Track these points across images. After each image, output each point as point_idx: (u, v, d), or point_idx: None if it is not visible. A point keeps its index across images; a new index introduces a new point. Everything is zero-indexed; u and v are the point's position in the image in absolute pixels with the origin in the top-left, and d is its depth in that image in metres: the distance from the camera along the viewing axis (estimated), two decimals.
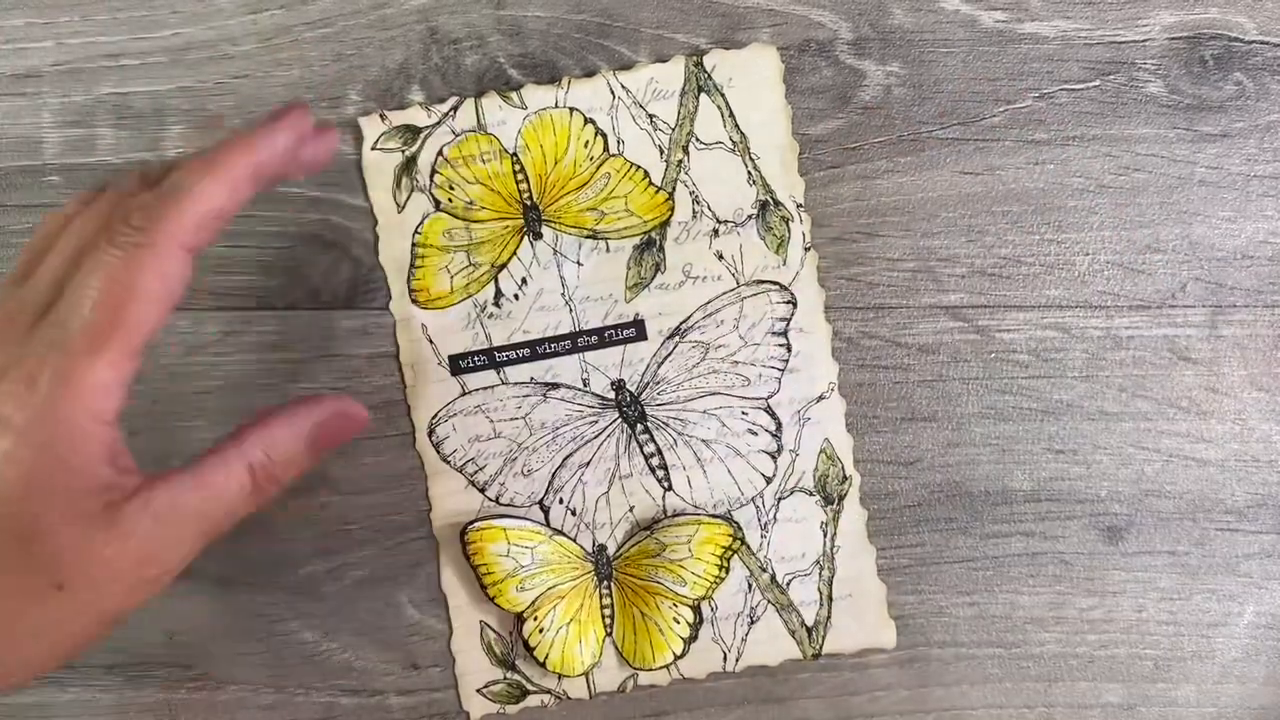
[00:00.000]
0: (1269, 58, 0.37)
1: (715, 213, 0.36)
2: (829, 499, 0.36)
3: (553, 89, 0.36)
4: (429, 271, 0.36)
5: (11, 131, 0.37)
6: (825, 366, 0.36)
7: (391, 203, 0.36)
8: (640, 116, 0.36)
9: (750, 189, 0.36)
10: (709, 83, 0.36)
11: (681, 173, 0.36)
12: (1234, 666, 0.37)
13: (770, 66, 0.36)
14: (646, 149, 0.36)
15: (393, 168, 0.36)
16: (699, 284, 0.36)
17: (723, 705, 0.37)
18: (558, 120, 0.36)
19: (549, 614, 0.36)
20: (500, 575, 0.36)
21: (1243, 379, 0.37)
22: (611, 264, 0.36)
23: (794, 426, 0.36)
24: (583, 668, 0.36)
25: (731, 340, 0.36)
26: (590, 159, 0.36)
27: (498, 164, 0.36)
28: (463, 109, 0.36)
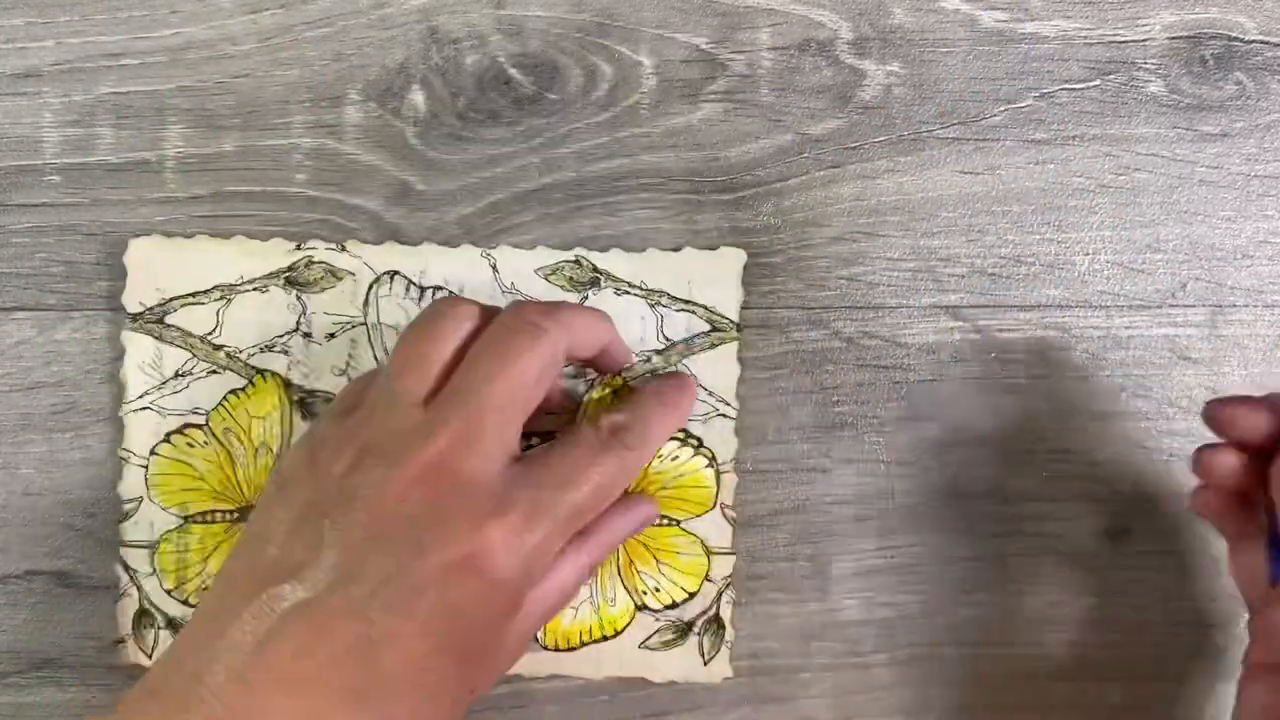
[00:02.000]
0: (1269, 57, 0.37)
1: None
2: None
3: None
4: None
5: (11, 131, 0.37)
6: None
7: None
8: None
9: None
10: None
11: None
12: (1234, 666, 0.37)
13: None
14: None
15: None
16: None
17: (723, 705, 0.37)
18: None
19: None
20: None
21: (1243, 378, 0.37)
22: None
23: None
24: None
25: None
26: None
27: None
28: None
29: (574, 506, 0.30)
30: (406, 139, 0.37)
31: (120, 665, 0.36)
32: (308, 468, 0.30)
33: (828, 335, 0.37)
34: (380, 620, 0.27)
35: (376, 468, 0.29)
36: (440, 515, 0.28)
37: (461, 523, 0.28)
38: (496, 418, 0.30)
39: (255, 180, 0.37)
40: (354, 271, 0.36)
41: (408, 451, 0.29)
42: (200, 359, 0.36)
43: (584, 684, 0.36)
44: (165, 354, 0.36)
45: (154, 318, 0.36)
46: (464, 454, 0.29)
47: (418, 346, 0.31)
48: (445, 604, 0.28)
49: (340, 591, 0.27)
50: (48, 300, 0.37)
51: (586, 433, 0.32)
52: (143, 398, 0.36)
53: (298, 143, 0.37)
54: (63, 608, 0.36)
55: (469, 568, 0.28)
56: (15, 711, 0.36)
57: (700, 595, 0.36)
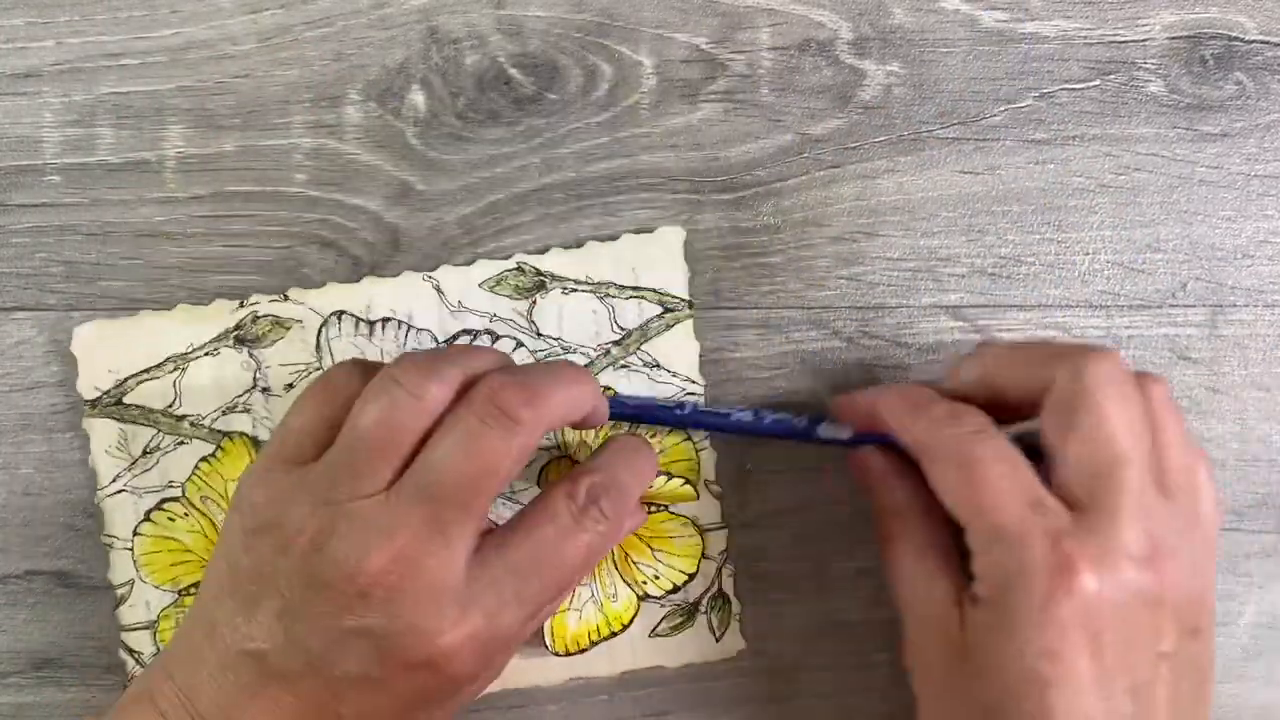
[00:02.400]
0: (1269, 57, 0.37)
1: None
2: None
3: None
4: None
5: (11, 131, 0.37)
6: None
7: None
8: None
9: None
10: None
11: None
12: (1234, 666, 0.37)
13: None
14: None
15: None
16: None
17: (723, 705, 0.37)
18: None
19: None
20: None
21: (1243, 378, 0.37)
22: None
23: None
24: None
25: None
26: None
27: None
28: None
29: (543, 591, 0.29)
30: (406, 139, 0.37)
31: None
32: (271, 524, 0.29)
33: (828, 335, 0.37)
34: (352, 699, 0.28)
35: (335, 561, 0.28)
36: (401, 618, 0.28)
37: (422, 630, 0.28)
38: (460, 515, 0.28)
39: (255, 180, 0.37)
40: (300, 319, 0.36)
41: (366, 550, 0.28)
42: (165, 433, 0.36)
43: (584, 684, 0.36)
44: (130, 434, 0.36)
45: (112, 400, 0.36)
46: (425, 555, 0.28)
47: (382, 438, 0.29)
48: (415, 690, 0.29)
49: (315, 675, 0.28)
50: (48, 300, 0.37)
51: (558, 504, 0.30)
52: (115, 481, 0.36)
53: (298, 143, 0.37)
54: (63, 608, 0.36)
55: (434, 668, 0.28)
56: (15, 711, 0.36)
57: (700, 575, 0.36)
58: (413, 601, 0.28)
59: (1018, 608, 0.28)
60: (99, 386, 0.36)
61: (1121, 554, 0.28)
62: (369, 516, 0.28)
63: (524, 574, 0.29)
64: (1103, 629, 0.28)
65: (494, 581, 0.29)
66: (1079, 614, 0.27)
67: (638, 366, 0.36)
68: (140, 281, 0.37)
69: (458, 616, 0.28)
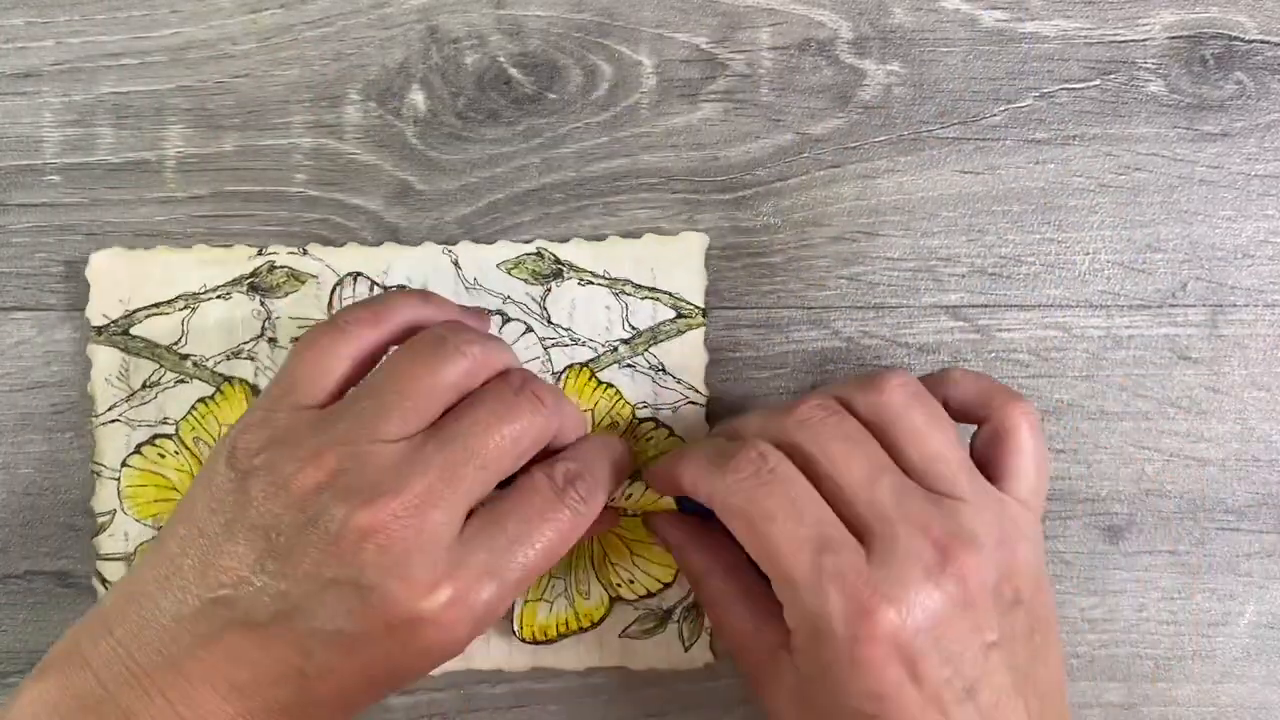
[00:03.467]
0: (1269, 57, 0.37)
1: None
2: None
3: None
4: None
5: (11, 131, 0.37)
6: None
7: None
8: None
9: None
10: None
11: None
12: (1234, 666, 0.37)
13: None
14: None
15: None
16: None
17: (722, 705, 0.37)
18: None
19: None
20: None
21: (1243, 378, 0.37)
22: None
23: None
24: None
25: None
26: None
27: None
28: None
29: (525, 567, 0.29)
30: (406, 139, 0.37)
31: None
32: (267, 470, 0.28)
33: (828, 335, 0.37)
34: (319, 657, 0.28)
35: (340, 502, 0.27)
36: (392, 571, 0.27)
37: (412, 584, 0.27)
38: (477, 475, 0.29)
39: (255, 180, 0.37)
40: (316, 275, 0.36)
41: (376, 493, 0.27)
42: (167, 369, 0.36)
43: (584, 684, 0.36)
44: (132, 365, 0.36)
45: (119, 330, 0.36)
46: (433, 506, 0.28)
47: (420, 384, 0.29)
48: (385, 656, 0.28)
49: (285, 622, 0.27)
50: (48, 300, 0.37)
51: (540, 480, 0.30)
52: (111, 410, 0.36)
53: (298, 143, 0.37)
54: (63, 608, 0.36)
55: (413, 629, 0.28)
56: None
57: (677, 584, 0.36)
58: (405, 556, 0.27)
59: (830, 658, 0.28)
60: (107, 314, 0.36)
61: (912, 577, 0.28)
62: (389, 461, 0.28)
63: (508, 545, 0.29)
64: (916, 654, 0.28)
65: (479, 549, 0.29)
66: (888, 651, 0.28)
67: (643, 368, 0.36)
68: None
69: (444, 578, 0.28)
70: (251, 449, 0.29)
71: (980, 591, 0.28)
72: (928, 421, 0.30)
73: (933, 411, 0.31)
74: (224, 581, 0.28)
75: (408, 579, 0.27)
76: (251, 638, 0.28)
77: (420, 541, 0.28)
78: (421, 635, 0.28)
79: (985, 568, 0.28)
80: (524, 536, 0.29)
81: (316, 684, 0.28)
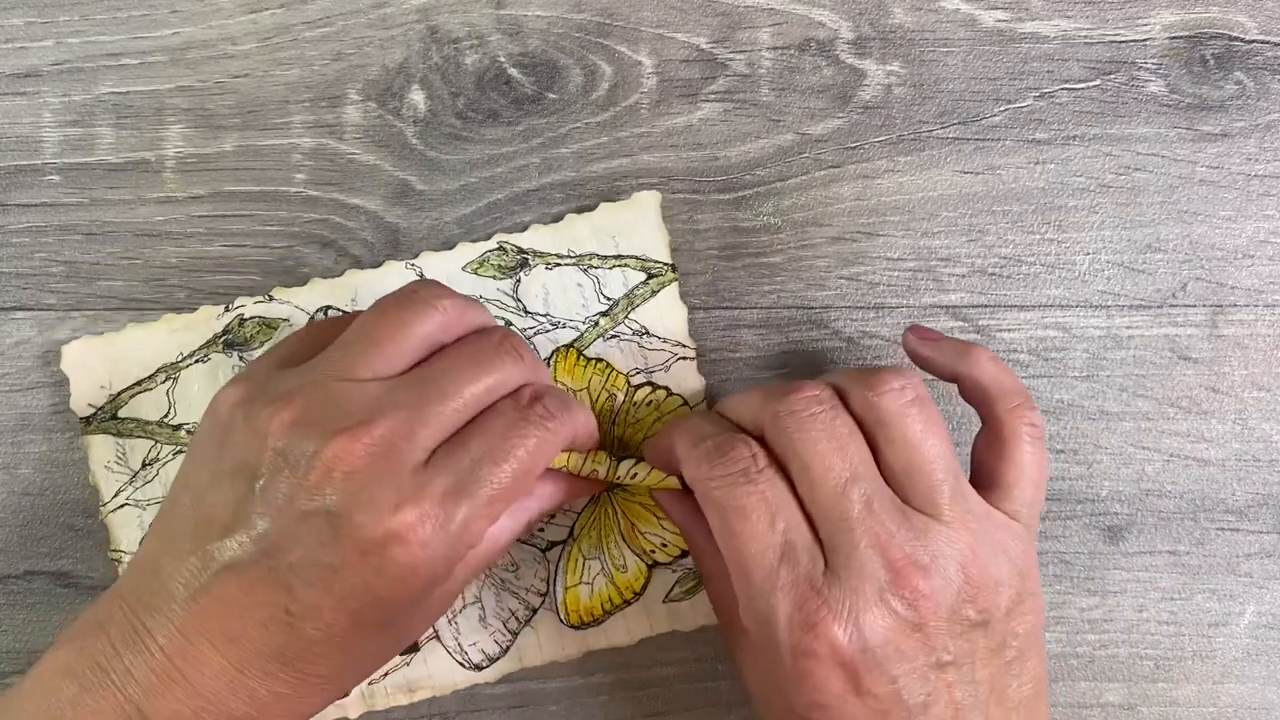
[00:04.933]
0: (1270, 57, 0.37)
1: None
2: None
3: None
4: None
5: (11, 131, 0.37)
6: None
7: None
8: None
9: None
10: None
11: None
12: (1234, 666, 0.37)
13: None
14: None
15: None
16: None
17: (723, 705, 0.37)
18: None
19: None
20: None
21: (1243, 378, 0.37)
22: None
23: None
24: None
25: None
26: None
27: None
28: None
29: (495, 486, 0.29)
30: (406, 139, 0.37)
31: None
32: (244, 418, 0.29)
33: (828, 335, 0.37)
34: (301, 593, 0.28)
35: (311, 436, 0.28)
36: (362, 497, 0.28)
37: (378, 507, 0.28)
38: (449, 416, 0.29)
39: (255, 180, 0.37)
40: (287, 317, 0.36)
41: (344, 425, 0.28)
42: (163, 443, 0.36)
43: (584, 684, 0.36)
44: (128, 448, 0.36)
45: (107, 415, 0.36)
46: (401, 439, 0.28)
47: (390, 330, 0.30)
48: (363, 584, 0.28)
49: (265, 561, 0.28)
50: (48, 300, 0.37)
51: (504, 403, 0.31)
52: (117, 496, 0.36)
53: (297, 142, 0.37)
54: (63, 608, 0.36)
55: (383, 551, 0.28)
56: None
57: None
58: (371, 481, 0.28)
59: (777, 663, 0.29)
60: (92, 403, 0.36)
61: (863, 595, 0.28)
62: (358, 397, 0.29)
63: (473, 465, 0.29)
64: (860, 670, 0.28)
65: (444, 472, 0.29)
66: (830, 665, 0.28)
67: (627, 335, 0.36)
68: (140, 281, 0.37)
69: (409, 499, 0.28)
70: (231, 401, 0.30)
71: (933, 615, 0.29)
72: (921, 430, 0.30)
73: (928, 420, 0.30)
74: (211, 532, 0.28)
75: (373, 502, 0.28)
76: (237, 583, 0.28)
77: (385, 468, 0.28)
78: (393, 557, 0.28)
79: (942, 592, 0.29)
80: (489, 456, 0.29)
81: (303, 624, 0.28)
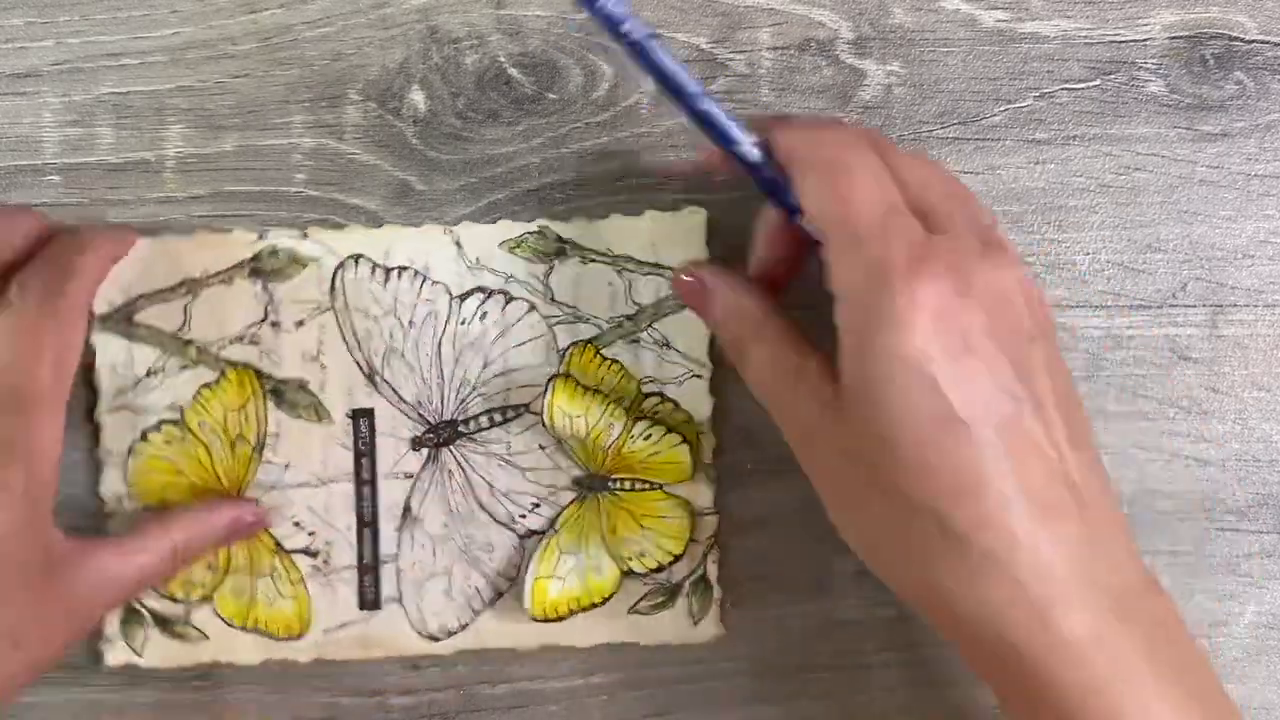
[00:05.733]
0: (1270, 57, 0.37)
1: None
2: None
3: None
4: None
5: (11, 131, 0.37)
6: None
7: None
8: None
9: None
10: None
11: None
12: (1234, 666, 0.37)
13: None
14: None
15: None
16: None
17: (723, 705, 0.37)
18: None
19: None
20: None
21: (1243, 378, 0.37)
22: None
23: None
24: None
25: (396, 325, 0.36)
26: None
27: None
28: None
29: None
30: (406, 139, 0.37)
31: (115, 668, 0.36)
32: None
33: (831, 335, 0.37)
34: None
35: None
36: None
37: None
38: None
39: (255, 180, 0.37)
40: (318, 257, 0.36)
41: None
42: (170, 355, 0.36)
43: (584, 684, 0.36)
44: (136, 353, 0.36)
45: (122, 317, 0.36)
46: None
47: None
48: None
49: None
50: None
51: None
52: (118, 397, 0.36)
53: (297, 142, 0.37)
54: None
55: None
56: (15, 711, 0.36)
57: (687, 557, 0.36)
58: None
59: (882, 306, 0.28)
60: (111, 302, 0.36)
61: (969, 251, 0.29)
62: None
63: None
64: (966, 316, 0.28)
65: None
66: (943, 301, 0.28)
67: (648, 343, 0.36)
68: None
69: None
70: None
71: (1017, 291, 0.29)
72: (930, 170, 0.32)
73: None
74: None
75: None
76: None
77: None
78: None
79: (1027, 283, 0.29)
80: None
81: None
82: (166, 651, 0.36)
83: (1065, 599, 0.27)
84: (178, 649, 0.36)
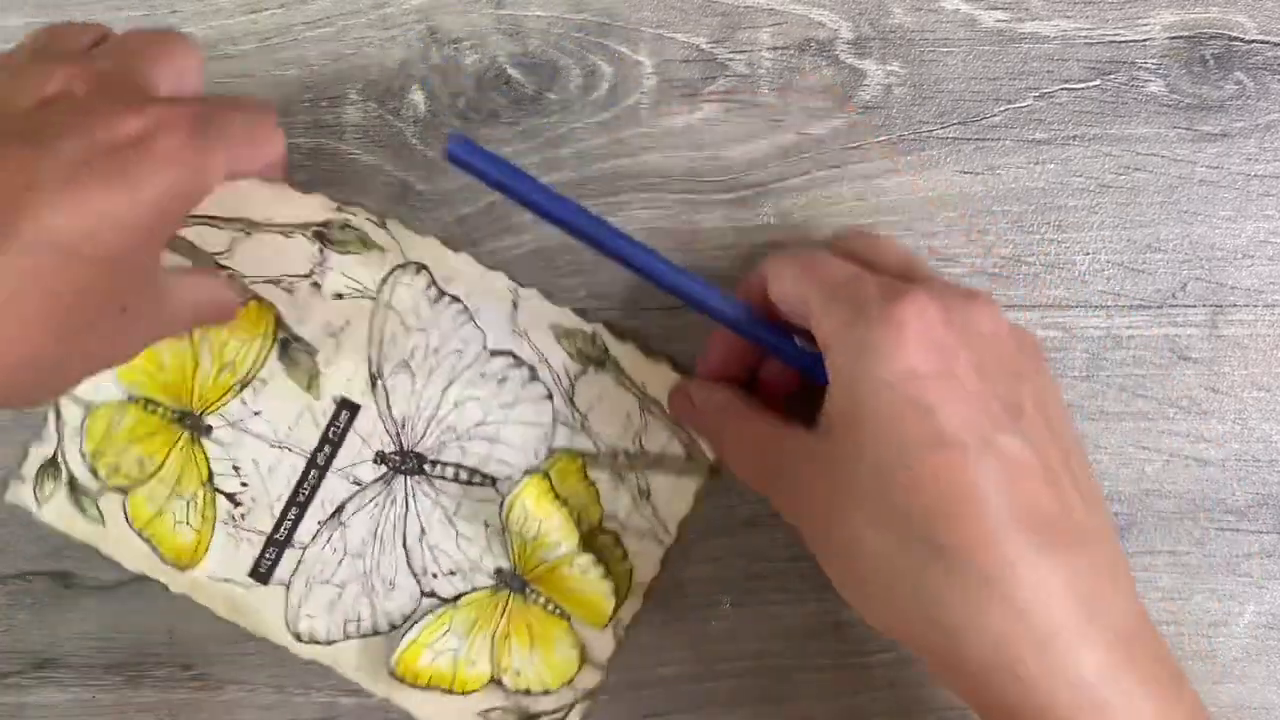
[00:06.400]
0: (1269, 57, 0.37)
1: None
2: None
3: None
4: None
5: None
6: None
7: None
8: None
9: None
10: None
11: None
12: (1234, 666, 0.37)
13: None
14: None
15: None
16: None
17: (723, 705, 0.37)
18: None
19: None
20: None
21: (1243, 378, 0.37)
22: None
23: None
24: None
25: (422, 344, 0.36)
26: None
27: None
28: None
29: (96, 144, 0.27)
30: (406, 139, 0.37)
31: (12, 504, 0.36)
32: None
33: None
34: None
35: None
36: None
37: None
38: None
39: None
40: (385, 248, 0.36)
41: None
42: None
43: None
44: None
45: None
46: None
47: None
48: (19, 271, 0.26)
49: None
50: None
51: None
52: None
53: (298, 143, 0.37)
54: (63, 608, 0.36)
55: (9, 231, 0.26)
56: (15, 711, 0.36)
57: (554, 696, 0.36)
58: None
59: (866, 336, 0.28)
60: None
61: (955, 295, 0.29)
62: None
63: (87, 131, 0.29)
64: (951, 337, 0.28)
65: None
66: (923, 324, 0.28)
67: (631, 486, 0.36)
68: None
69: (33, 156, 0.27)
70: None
71: (1004, 330, 0.30)
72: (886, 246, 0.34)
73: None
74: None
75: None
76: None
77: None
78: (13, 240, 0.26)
79: (999, 327, 0.30)
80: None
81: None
82: (61, 514, 0.36)
83: (1068, 631, 0.27)
84: (72, 518, 0.36)
